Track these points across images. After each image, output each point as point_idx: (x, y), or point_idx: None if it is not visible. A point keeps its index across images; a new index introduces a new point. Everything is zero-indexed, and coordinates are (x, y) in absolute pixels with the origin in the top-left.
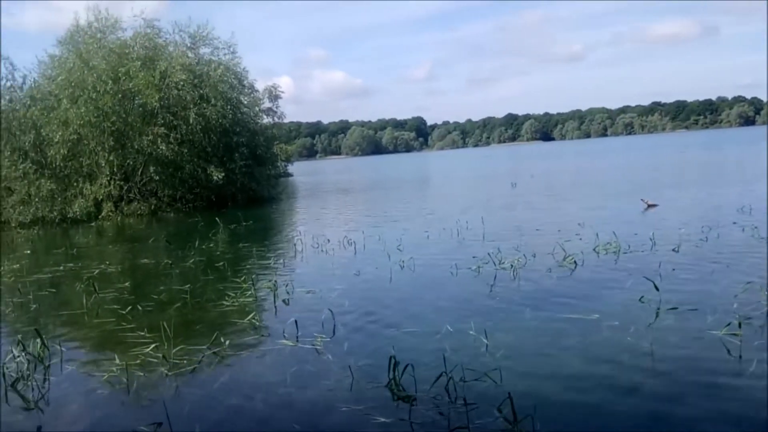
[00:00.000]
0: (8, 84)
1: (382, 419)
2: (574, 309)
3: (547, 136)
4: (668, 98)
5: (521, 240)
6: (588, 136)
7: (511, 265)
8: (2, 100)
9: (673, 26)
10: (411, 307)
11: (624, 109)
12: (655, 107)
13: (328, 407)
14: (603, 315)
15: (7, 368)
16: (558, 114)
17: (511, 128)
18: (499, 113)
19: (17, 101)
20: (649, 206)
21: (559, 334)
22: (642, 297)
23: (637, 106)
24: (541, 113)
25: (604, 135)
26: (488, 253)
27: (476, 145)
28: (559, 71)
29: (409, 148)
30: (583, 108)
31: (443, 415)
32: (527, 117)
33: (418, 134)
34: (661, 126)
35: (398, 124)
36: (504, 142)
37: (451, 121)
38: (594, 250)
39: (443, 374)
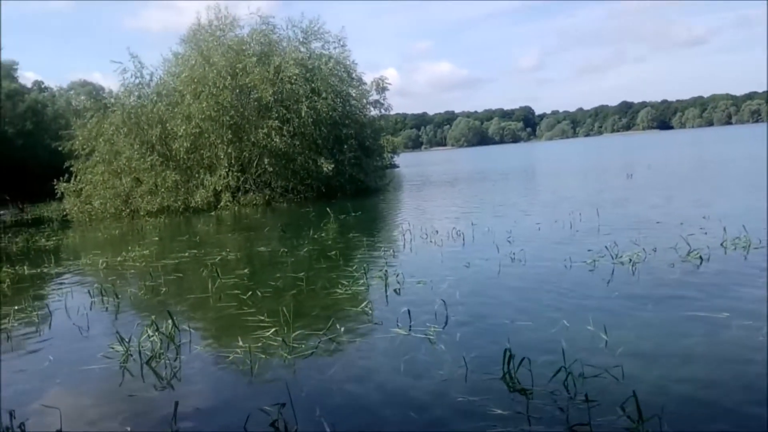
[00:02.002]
0: (137, 81)
1: (499, 411)
2: (700, 306)
3: (664, 125)
4: None
5: (640, 233)
6: (710, 124)
7: (630, 260)
8: (132, 97)
9: None
10: (523, 300)
11: (751, 96)
12: None
13: (442, 397)
14: (732, 313)
15: (142, 347)
16: (677, 101)
17: (625, 117)
18: (613, 101)
19: (145, 97)
20: None
21: (684, 332)
22: None
23: (765, 92)
24: (659, 100)
25: (728, 123)
26: (605, 247)
27: (587, 135)
28: (679, 56)
29: (516, 139)
30: (705, 94)
31: (562, 410)
32: (643, 105)
33: (526, 124)
34: None
35: (505, 115)
36: (618, 131)
37: (560, 111)
38: (721, 244)
39: (562, 369)
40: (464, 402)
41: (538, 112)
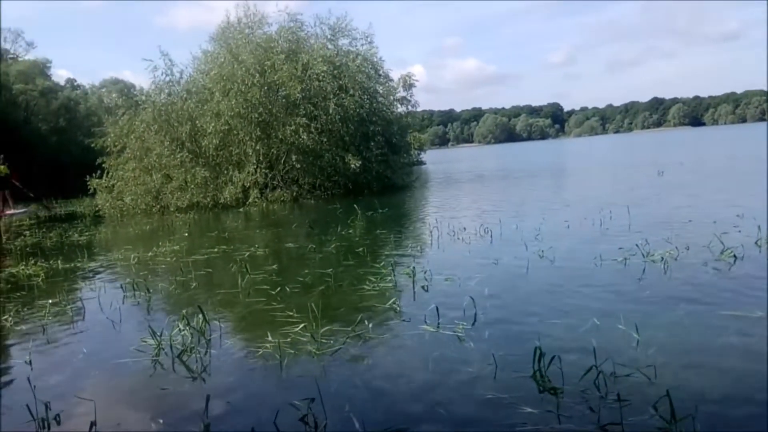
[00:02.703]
0: (167, 79)
1: (529, 410)
2: (734, 305)
3: (696, 121)
4: None
5: (671, 231)
6: (743, 120)
7: (662, 258)
8: (162, 94)
9: None
10: (553, 298)
11: None
12: None
13: (471, 394)
14: None
15: (173, 341)
16: (710, 97)
17: (656, 113)
18: (643, 97)
19: (175, 95)
20: None
21: (718, 332)
22: None
23: None
24: (691, 97)
25: (762, 119)
26: (636, 245)
27: (617, 132)
28: (711, 52)
29: (544, 136)
30: (738, 90)
31: (593, 410)
32: (675, 101)
33: (554, 121)
34: None
35: (533, 111)
36: (648, 128)
37: (589, 107)
38: (756, 243)
39: (593, 368)
40: (494, 399)
41: (566, 108)
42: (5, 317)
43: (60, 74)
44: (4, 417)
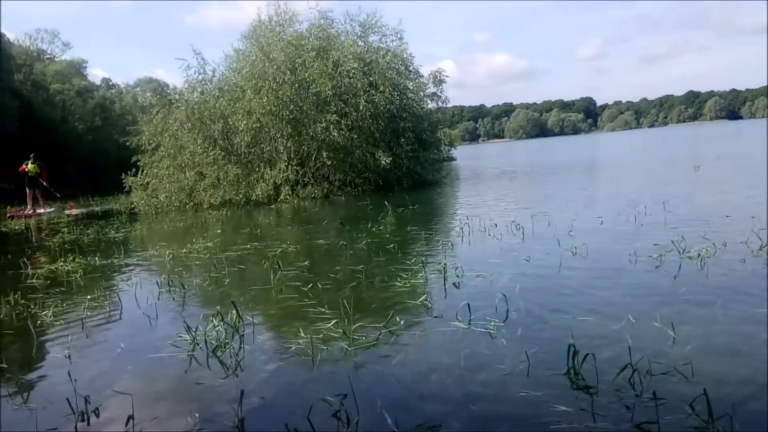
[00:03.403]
0: (200, 77)
1: (563, 408)
2: None
3: (733, 115)
4: None
5: (708, 227)
6: None
7: (698, 254)
8: (195, 93)
9: None
10: (586, 295)
11: None
12: None
13: (504, 391)
14: None
15: (208, 336)
16: (747, 90)
17: (692, 107)
18: (678, 91)
19: (208, 93)
20: None
21: (756, 330)
22: None
23: None
24: (727, 90)
25: None
26: (671, 241)
27: (651, 126)
28: (747, 44)
29: (576, 130)
30: None
31: (628, 408)
32: (711, 94)
33: (587, 115)
34: None
35: (565, 106)
36: (684, 121)
37: (623, 101)
38: None
39: (628, 366)
40: (526, 397)
41: (599, 102)
42: (45, 312)
43: (95, 74)
44: (45, 410)
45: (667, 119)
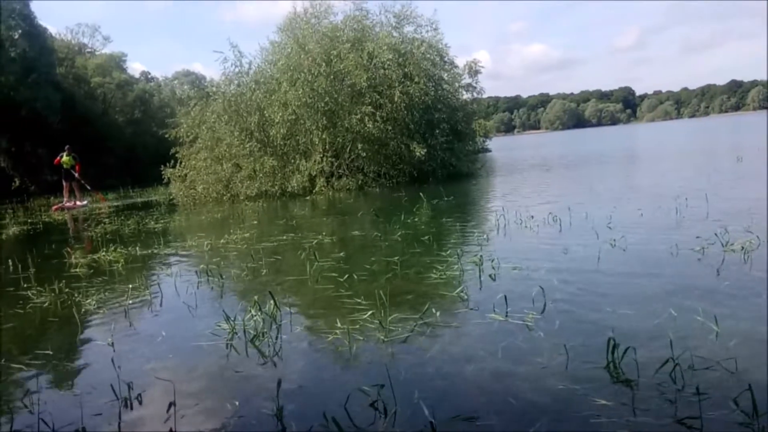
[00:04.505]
0: (237, 70)
1: (602, 401)
2: None
3: None
4: None
5: (752, 220)
6: None
7: (742, 248)
8: (232, 85)
9: None
10: (626, 288)
11: None
12: None
13: (542, 384)
14: None
15: (246, 325)
16: None
17: (734, 96)
18: (720, 80)
19: (244, 86)
20: None
21: None
22: None
23: None
24: None
25: None
26: (714, 234)
27: (692, 116)
28: None
29: (614, 121)
30: None
31: (670, 402)
32: (754, 83)
33: (625, 105)
34: None
35: (603, 96)
36: (725, 111)
37: (663, 91)
38: None
39: (670, 360)
40: (565, 390)
41: (638, 92)
42: (88, 301)
43: (134, 67)
44: (90, 396)
45: (708, 109)
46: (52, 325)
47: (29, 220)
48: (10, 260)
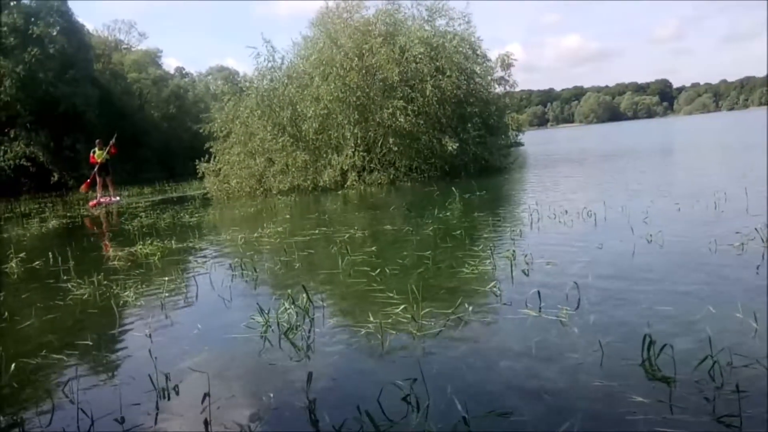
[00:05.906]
0: (269, 65)
1: (639, 399)
2: None
3: None
4: None
5: None
6: None
7: None
8: (265, 80)
9: None
10: (662, 284)
11: None
12: None
13: (577, 381)
14: None
15: (280, 319)
16: None
17: None
18: (761, 72)
19: (277, 80)
20: None
21: None
22: None
23: None
24: None
25: None
26: (755, 229)
27: (731, 109)
28: None
29: (651, 114)
30: None
31: (708, 400)
32: None
33: (662, 98)
34: None
35: (639, 89)
36: (765, 104)
37: (701, 83)
38: None
39: (708, 357)
40: (601, 387)
41: (676, 85)
42: (126, 293)
43: (169, 63)
44: (128, 386)
45: (747, 102)
46: (91, 317)
47: (68, 214)
48: (50, 253)
